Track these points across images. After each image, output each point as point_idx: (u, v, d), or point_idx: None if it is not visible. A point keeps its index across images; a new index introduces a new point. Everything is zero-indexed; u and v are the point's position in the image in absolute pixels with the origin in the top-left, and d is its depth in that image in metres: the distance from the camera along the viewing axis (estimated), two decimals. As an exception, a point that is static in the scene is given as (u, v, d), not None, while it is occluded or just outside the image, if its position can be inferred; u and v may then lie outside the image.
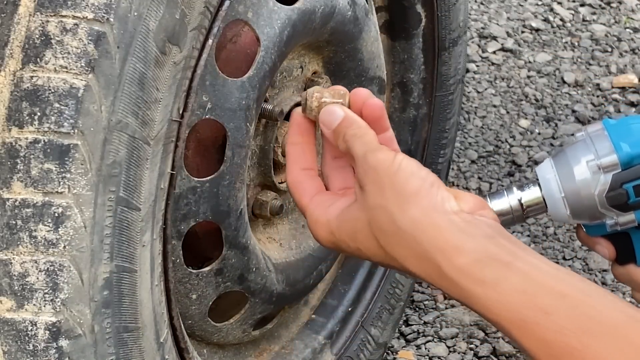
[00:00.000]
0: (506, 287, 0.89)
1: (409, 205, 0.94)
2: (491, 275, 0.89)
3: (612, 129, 1.16)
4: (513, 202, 1.17)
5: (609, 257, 1.21)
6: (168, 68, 1.03)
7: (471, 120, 2.37)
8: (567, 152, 1.17)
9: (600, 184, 1.14)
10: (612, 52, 2.63)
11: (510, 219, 1.18)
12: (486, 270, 0.90)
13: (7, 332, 0.97)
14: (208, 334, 1.27)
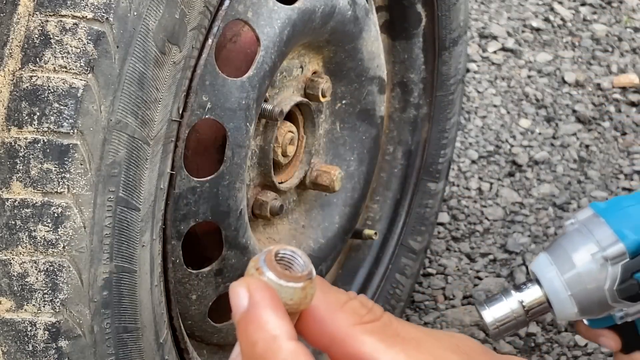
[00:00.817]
0: None
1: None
2: None
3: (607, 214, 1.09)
4: (514, 305, 1.09)
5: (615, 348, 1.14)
6: (168, 68, 1.03)
7: (471, 120, 2.36)
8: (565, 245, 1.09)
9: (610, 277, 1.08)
10: (613, 52, 2.63)
11: (512, 324, 1.09)
12: None
13: (7, 333, 0.97)
14: (208, 335, 1.27)
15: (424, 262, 1.91)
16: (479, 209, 2.09)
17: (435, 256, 1.97)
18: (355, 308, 0.68)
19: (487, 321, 1.10)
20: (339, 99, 1.40)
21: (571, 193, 2.16)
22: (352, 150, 1.44)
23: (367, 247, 1.60)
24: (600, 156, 2.28)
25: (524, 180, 2.19)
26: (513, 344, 1.78)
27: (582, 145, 2.30)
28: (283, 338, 0.60)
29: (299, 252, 0.64)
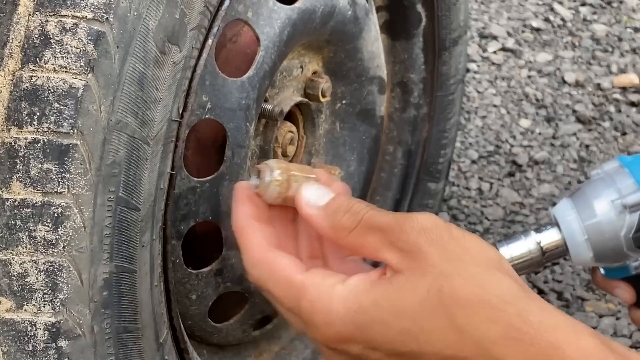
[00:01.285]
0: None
1: (501, 275, 0.73)
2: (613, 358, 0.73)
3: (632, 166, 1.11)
4: (531, 245, 1.11)
5: (629, 300, 1.16)
6: (168, 68, 1.03)
7: (472, 120, 2.36)
8: (587, 192, 1.12)
9: (627, 225, 1.10)
10: (613, 52, 2.63)
11: (528, 264, 1.11)
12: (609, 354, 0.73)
13: (7, 333, 0.97)
14: (208, 335, 1.27)
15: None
16: (479, 209, 2.09)
17: (435, 256, 1.96)
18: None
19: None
20: (339, 99, 1.40)
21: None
22: (352, 150, 1.44)
23: (367, 247, 1.60)
24: (600, 156, 2.28)
25: (524, 180, 2.19)
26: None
27: (582, 145, 2.31)
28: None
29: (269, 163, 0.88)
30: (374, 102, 1.42)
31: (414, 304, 0.73)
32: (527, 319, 0.70)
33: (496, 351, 0.70)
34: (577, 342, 0.71)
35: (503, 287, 0.71)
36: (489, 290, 0.71)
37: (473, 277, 0.71)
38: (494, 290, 0.71)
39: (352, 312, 0.74)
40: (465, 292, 0.71)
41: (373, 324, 0.73)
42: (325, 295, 0.75)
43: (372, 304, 0.74)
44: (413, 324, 0.72)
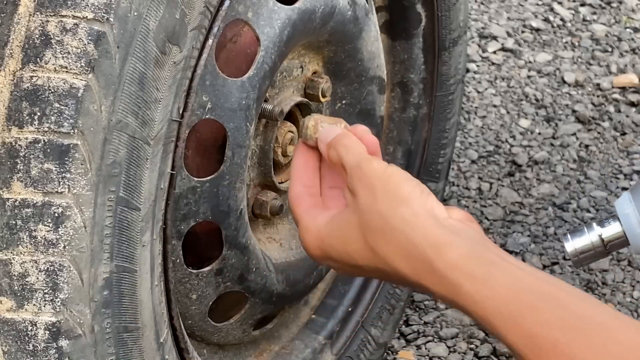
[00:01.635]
0: (494, 283, 0.91)
1: (401, 206, 0.98)
2: (480, 271, 0.92)
3: None
4: (594, 238, 1.18)
5: None
6: (168, 68, 1.03)
7: (471, 120, 2.36)
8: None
9: None
10: (613, 52, 2.63)
11: (591, 254, 1.18)
12: (475, 265, 0.92)
13: (7, 332, 0.97)
14: (208, 334, 1.27)
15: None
16: (479, 208, 2.09)
17: (435, 256, 1.96)
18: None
19: (569, 251, 1.20)
20: (339, 99, 1.40)
21: (571, 193, 2.16)
22: (352, 150, 1.44)
23: (367, 247, 1.60)
24: (599, 156, 2.28)
25: (524, 180, 2.19)
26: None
27: (581, 145, 2.31)
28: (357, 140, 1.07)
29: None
30: (373, 102, 1.43)
31: (348, 233, 1.01)
32: (413, 240, 0.96)
33: (395, 263, 0.97)
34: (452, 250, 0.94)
35: (394, 223, 0.97)
36: (389, 223, 0.97)
37: (380, 215, 0.98)
38: (393, 224, 0.97)
39: (317, 241, 1.04)
40: (374, 224, 0.99)
41: (329, 247, 1.03)
42: (305, 230, 1.05)
43: (327, 235, 1.03)
44: (349, 247, 1.01)
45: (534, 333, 0.88)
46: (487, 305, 0.91)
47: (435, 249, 0.95)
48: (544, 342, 0.87)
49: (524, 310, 0.89)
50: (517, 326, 0.89)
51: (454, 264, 0.93)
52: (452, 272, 0.93)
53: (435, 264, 0.94)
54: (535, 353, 0.88)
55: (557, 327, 0.87)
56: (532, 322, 0.88)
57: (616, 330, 0.87)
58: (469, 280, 0.92)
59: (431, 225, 0.96)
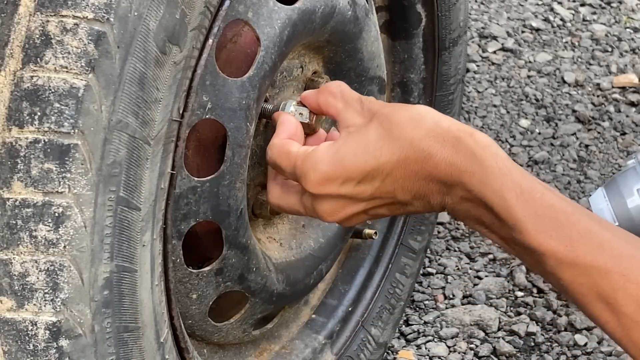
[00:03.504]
0: (512, 166, 1.00)
1: (420, 105, 1.06)
2: (502, 153, 1.01)
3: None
4: None
5: None
6: (168, 68, 1.03)
7: (471, 120, 2.37)
8: (618, 181, 1.18)
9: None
10: (613, 52, 2.63)
11: None
12: (498, 149, 1.02)
13: (7, 332, 0.97)
14: (208, 334, 1.27)
15: (424, 262, 1.91)
16: (479, 208, 2.09)
17: (435, 256, 1.97)
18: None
19: None
20: (339, 99, 1.40)
21: (571, 193, 2.16)
22: (352, 150, 1.44)
23: (367, 246, 1.61)
24: (599, 156, 2.28)
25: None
26: (513, 344, 1.78)
27: (581, 145, 2.31)
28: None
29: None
30: (374, 102, 1.43)
31: (369, 136, 1.03)
32: (440, 124, 1.02)
33: (423, 143, 1.01)
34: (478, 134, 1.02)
35: (422, 112, 1.04)
36: (415, 112, 1.03)
37: (403, 109, 1.04)
38: (420, 112, 1.03)
39: (330, 154, 1.04)
40: (396, 116, 1.03)
41: (345, 155, 1.04)
42: (311, 153, 1.06)
43: (343, 145, 1.04)
44: (370, 146, 1.03)
45: (540, 213, 0.97)
46: (505, 180, 0.99)
47: (463, 132, 1.01)
48: (548, 222, 0.97)
49: (534, 192, 0.98)
50: (527, 204, 0.98)
51: (481, 142, 1.01)
52: (480, 149, 1.00)
53: (464, 141, 1.00)
54: (539, 230, 0.97)
55: (561, 211, 0.97)
56: (540, 203, 0.97)
57: (609, 226, 0.97)
58: (493, 157, 1.00)
59: (453, 119, 1.04)
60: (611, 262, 0.94)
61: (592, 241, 0.95)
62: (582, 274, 0.95)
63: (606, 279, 0.94)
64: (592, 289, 0.95)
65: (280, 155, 1.09)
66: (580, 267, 0.95)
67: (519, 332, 1.80)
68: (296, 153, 1.07)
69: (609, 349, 1.78)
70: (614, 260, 0.94)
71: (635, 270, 0.93)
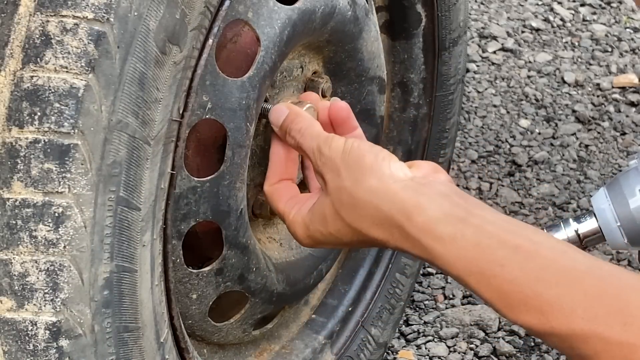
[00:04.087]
0: (463, 243, 0.94)
1: (364, 178, 1.02)
2: (448, 232, 0.95)
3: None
4: (570, 233, 1.19)
5: None
6: (168, 68, 1.03)
7: (471, 120, 2.37)
8: (620, 181, 1.19)
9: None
10: (613, 52, 2.63)
11: None
12: (442, 227, 0.95)
13: (7, 332, 0.97)
14: (208, 334, 1.27)
15: (424, 262, 1.91)
16: (479, 208, 2.09)
17: (435, 256, 1.97)
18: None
19: None
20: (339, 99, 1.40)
21: (571, 193, 2.16)
22: (352, 150, 1.44)
23: (367, 246, 1.61)
24: (599, 156, 2.28)
25: (524, 180, 2.19)
26: (512, 344, 1.78)
27: (581, 145, 2.31)
28: (310, 117, 1.15)
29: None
30: (373, 102, 1.43)
31: (326, 216, 1.05)
32: (380, 210, 0.99)
33: (372, 233, 1.01)
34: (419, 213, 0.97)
35: (363, 196, 1.01)
36: (357, 197, 1.01)
37: (347, 191, 1.02)
38: (361, 197, 1.01)
39: (303, 229, 1.09)
40: (345, 201, 1.03)
41: (314, 233, 1.08)
42: (291, 223, 1.11)
43: (310, 223, 1.08)
44: (330, 227, 1.06)
45: (504, 290, 0.92)
46: (459, 266, 0.94)
47: (403, 215, 0.98)
48: (514, 298, 0.91)
49: (493, 269, 0.92)
50: (489, 284, 0.93)
51: (422, 228, 0.96)
52: (423, 236, 0.96)
53: (406, 229, 0.97)
54: (509, 308, 0.92)
55: (524, 283, 0.91)
56: (502, 279, 0.92)
57: (581, 276, 0.90)
58: (439, 243, 0.95)
59: (396, 191, 0.99)
60: (587, 326, 0.88)
61: (563, 308, 0.89)
62: (562, 341, 0.90)
63: (586, 344, 0.89)
64: (575, 352, 0.90)
65: (271, 203, 1.16)
66: (558, 336, 0.90)
67: (519, 332, 1.80)
68: (282, 213, 1.13)
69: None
70: (590, 323, 0.88)
71: (614, 330, 0.88)
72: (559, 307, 0.90)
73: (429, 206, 0.97)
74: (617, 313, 0.88)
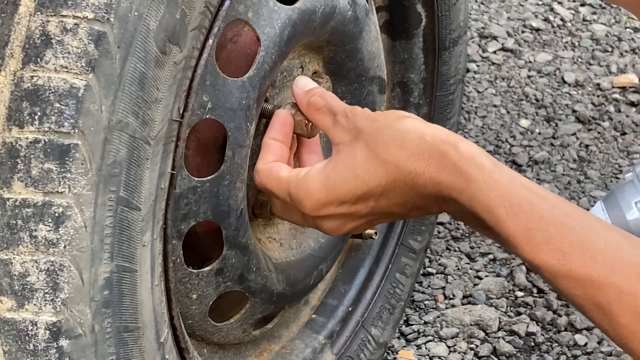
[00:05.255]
0: (500, 176, 0.98)
1: (405, 118, 1.05)
2: (488, 163, 0.99)
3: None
4: None
5: None
6: (168, 68, 1.03)
7: (471, 120, 2.37)
8: (617, 195, 1.19)
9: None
10: (613, 52, 2.63)
11: None
12: (484, 158, 1.00)
13: (8, 332, 0.97)
14: (208, 334, 1.27)
15: (424, 262, 1.91)
16: (479, 208, 2.09)
17: (435, 256, 1.97)
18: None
19: None
20: (339, 99, 1.40)
21: (571, 193, 2.16)
22: (352, 150, 1.44)
23: (367, 246, 1.61)
24: (599, 156, 2.28)
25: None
26: (513, 344, 1.78)
27: (581, 145, 2.31)
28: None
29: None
30: (374, 102, 1.43)
31: (356, 159, 1.04)
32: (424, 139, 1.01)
33: (409, 164, 1.02)
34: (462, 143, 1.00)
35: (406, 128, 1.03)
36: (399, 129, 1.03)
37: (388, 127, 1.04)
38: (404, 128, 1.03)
39: (321, 180, 1.06)
40: (381, 136, 1.03)
41: (336, 182, 1.05)
42: (302, 179, 1.07)
43: (333, 170, 1.06)
44: (358, 170, 1.04)
45: (530, 226, 0.96)
46: (493, 195, 0.97)
47: (447, 143, 1.01)
48: (539, 235, 0.96)
49: (523, 205, 0.97)
50: (517, 218, 0.96)
51: (466, 154, 0.99)
52: (465, 162, 0.99)
53: (448, 155, 1.00)
54: (531, 245, 0.96)
55: (551, 224, 0.95)
56: (530, 216, 0.96)
57: (602, 231, 0.96)
58: (479, 170, 0.99)
59: (437, 127, 1.04)
60: (604, 274, 0.93)
61: (585, 253, 0.94)
62: (577, 286, 0.94)
63: (600, 290, 0.93)
64: (588, 300, 0.94)
65: (270, 180, 1.12)
66: (575, 279, 0.94)
67: (519, 332, 1.80)
68: (287, 179, 1.10)
69: (609, 349, 1.78)
70: (607, 271, 0.93)
71: (629, 281, 0.92)
72: (581, 250, 0.94)
73: (469, 143, 1.01)
74: (633, 265, 0.92)
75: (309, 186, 1.07)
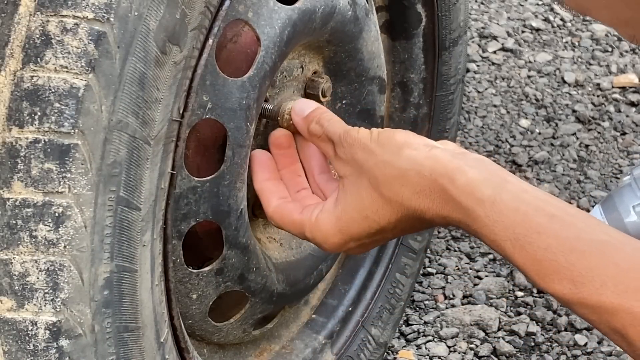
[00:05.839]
0: (502, 207, 0.96)
1: (401, 150, 1.03)
2: (488, 194, 0.96)
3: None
4: None
5: None
6: (168, 68, 1.03)
7: (471, 120, 2.37)
8: (615, 199, 1.19)
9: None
10: (613, 52, 2.63)
11: None
12: (483, 189, 0.97)
13: (8, 332, 0.97)
14: (208, 334, 1.27)
15: (424, 262, 1.91)
16: (479, 208, 2.09)
17: (435, 256, 1.97)
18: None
19: None
20: (339, 99, 1.40)
21: (571, 193, 2.16)
22: (352, 150, 1.44)
23: (367, 246, 1.61)
24: (599, 156, 2.28)
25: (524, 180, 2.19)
26: (513, 344, 1.78)
27: (581, 145, 2.31)
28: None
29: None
30: (374, 102, 1.43)
31: (363, 200, 1.05)
32: (422, 175, 1.00)
33: (413, 202, 1.01)
34: (461, 175, 0.98)
35: (404, 165, 1.01)
36: (397, 167, 1.02)
37: (386, 164, 1.02)
38: (402, 166, 1.01)
39: (334, 224, 1.07)
40: (383, 175, 1.02)
41: (349, 224, 1.06)
42: (316, 224, 1.08)
43: (343, 212, 1.06)
44: (367, 211, 1.04)
45: (538, 257, 0.93)
46: (496, 230, 0.95)
47: (446, 177, 0.99)
48: (547, 266, 0.93)
49: (529, 235, 0.94)
50: (524, 250, 0.94)
51: (464, 189, 0.97)
52: (465, 198, 0.97)
53: (448, 191, 0.98)
54: (541, 276, 0.94)
55: (558, 252, 0.92)
56: (537, 247, 0.93)
57: (612, 252, 0.92)
58: (480, 205, 0.96)
59: (436, 156, 1.01)
60: (617, 300, 0.90)
61: (595, 280, 0.91)
62: (591, 312, 0.92)
63: (614, 316, 0.91)
64: (604, 324, 0.92)
65: (284, 223, 1.13)
66: (588, 307, 0.92)
67: (519, 332, 1.80)
68: (301, 222, 1.11)
69: (609, 349, 1.78)
70: (620, 297, 0.90)
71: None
72: (591, 278, 0.91)
73: (468, 169, 0.98)
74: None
75: (324, 231, 1.08)
